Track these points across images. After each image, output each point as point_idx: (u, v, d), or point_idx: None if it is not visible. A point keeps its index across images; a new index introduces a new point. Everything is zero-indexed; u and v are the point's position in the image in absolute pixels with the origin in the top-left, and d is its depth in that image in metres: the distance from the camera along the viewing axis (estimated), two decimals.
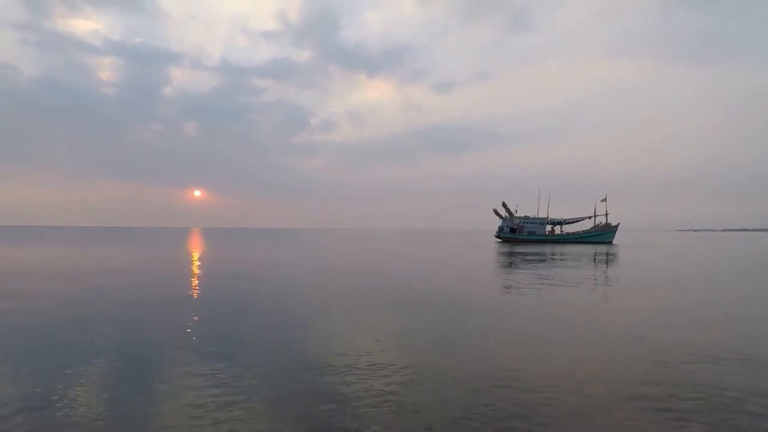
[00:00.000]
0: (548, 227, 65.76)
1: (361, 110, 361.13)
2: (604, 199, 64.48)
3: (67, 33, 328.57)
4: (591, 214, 64.48)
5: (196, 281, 15.48)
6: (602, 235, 63.04)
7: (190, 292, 12.71)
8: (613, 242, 61.26)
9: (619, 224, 63.51)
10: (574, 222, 65.77)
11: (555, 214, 66.76)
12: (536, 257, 29.25)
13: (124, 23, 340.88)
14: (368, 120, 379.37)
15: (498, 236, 65.68)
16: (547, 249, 41.67)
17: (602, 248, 44.73)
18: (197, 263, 23.41)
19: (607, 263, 25.20)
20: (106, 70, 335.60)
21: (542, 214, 66.56)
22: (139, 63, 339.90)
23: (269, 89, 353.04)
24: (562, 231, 65.85)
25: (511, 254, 32.87)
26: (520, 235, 64.17)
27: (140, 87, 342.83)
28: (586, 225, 65.61)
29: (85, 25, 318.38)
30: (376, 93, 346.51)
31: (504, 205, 66.00)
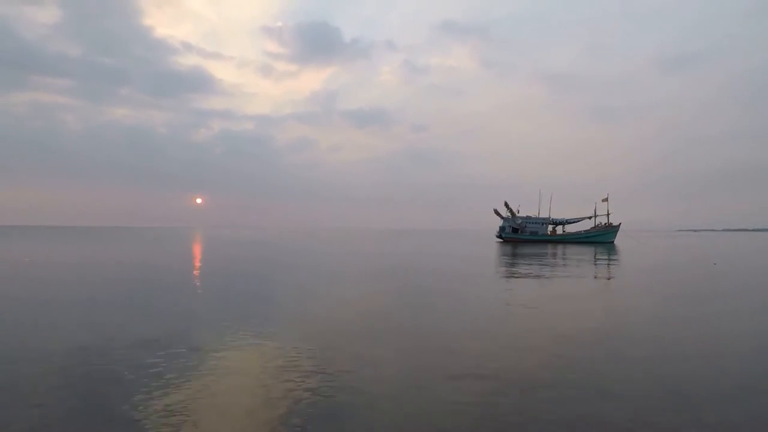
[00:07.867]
0: (549, 227, 65.61)
1: (358, 139, 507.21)
2: (606, 199, 63.78)
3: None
4: (592, 214, 64.37)
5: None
6: (604, 235, 63.08)
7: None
8: (615, 242, 61.54)
9: (620, 224, 63.60)
10: (575, 222, 65.73)
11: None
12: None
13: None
14: (364, 144, 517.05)
15: (499, 236, 65.24)
16: (549, 249, 42.16)
17: (603, 248, 45.23)
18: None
19: (608, 263, 25.86)
20: (163, 120, 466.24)
21: (542, 214, 66.22)
22: (192, 115, 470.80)
23: (291, 127, 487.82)
24: (564, 231, 65.84)
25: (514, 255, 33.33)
26: (523, 236, 64.10)
27: (187, 127, 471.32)
28: (587, 225, 65.57)
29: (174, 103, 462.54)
30: (368, 131, 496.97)
31: (506, 204, 65.80)
